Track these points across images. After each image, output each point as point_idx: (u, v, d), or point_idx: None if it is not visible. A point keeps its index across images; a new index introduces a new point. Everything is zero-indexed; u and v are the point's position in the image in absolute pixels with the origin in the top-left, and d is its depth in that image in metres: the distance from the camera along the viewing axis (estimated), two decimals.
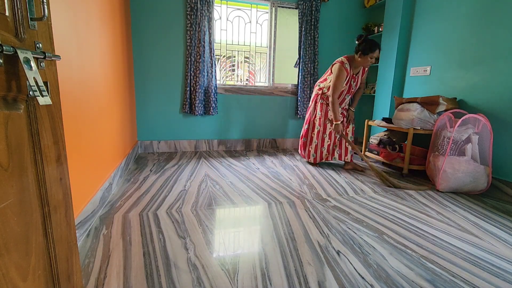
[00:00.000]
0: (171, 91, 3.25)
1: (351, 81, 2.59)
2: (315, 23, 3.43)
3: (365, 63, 2.44)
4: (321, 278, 1.15)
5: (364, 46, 2.38)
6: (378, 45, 2.38)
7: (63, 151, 0.75)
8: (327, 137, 2.77)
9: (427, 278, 1.17)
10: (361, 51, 2.40)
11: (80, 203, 1.42)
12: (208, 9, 3.07)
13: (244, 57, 3.61)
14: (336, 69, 2.50)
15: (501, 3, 2.20)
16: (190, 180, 2.33)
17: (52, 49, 0.71)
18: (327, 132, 2.76)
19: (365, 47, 2.38)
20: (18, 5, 0.57)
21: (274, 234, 1.50)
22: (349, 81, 2.57)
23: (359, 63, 2.47)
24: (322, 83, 2.74)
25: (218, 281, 1.12)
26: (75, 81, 1.41)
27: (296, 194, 2.09)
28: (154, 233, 1.46)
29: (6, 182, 0.53)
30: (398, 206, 1.93)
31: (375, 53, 2.39)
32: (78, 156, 1.42)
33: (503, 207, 1.96)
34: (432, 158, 2.37)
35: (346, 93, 2.64)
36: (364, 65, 2.48)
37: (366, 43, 2.38)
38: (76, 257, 0.81)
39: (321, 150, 2.81)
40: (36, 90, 0.57)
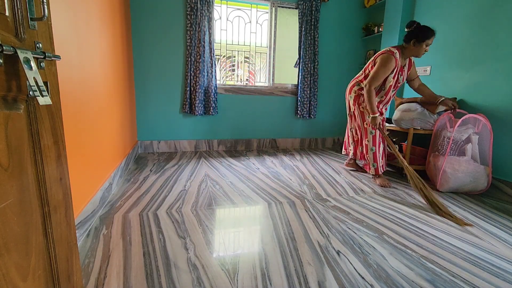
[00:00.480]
0: (171, 91, 3.25)
1: (398, 75, 2.31)
2: (315, 23, 3.43)
3: (419, 52, 2.19)
4: (321, 278, 1.15)
5: (418, 32, 2.14)
6: (434, 31, 2.13)
7: (63, 151, 0.75)
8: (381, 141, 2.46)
9: (427, 278, 1.17)
10: (415, 39, 2.15)
11: (80, 203, 1.42)
12: (208, 9, 3.07)
13: (244, 57, 3.61)
14: (383, 58, 2.22)
15: (501, 3, 2.20)
16: (190, 180, 2.33)
17: (52, 49, 0.71)
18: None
19: (420, 33, 2.13)
20: (18, 5, 0.57)
21: (274, 234, 1.50)
22: (396, 74, 2.30)
23: (412, 52, 2.21)
24: (363, 82, 2.43)
25: (218, 281, 1.12)
26: (75, 81, 1.41)
27: (296, 194, 2.09)
28: (154, 233, 1.46)
29: (6, 182, 0.53)
30: (398, 206, 1.92)
31: (431, 39, 2.15)
32: (78, 156, 1.42)
33: (503, 207, 1.96)
34: (432, 158, 2.37)
35: (393, 87, 2.35)
36: (417, 54, 2.21)
37: (420, 29, 2.15)
38: (76, 257, 0.81)
39: (382, 157, 2.47)
40: (36, 90, 0.57)
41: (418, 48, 2.18)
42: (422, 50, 2.18)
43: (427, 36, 2.13)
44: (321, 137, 3.95)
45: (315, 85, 3.60)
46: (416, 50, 2.19)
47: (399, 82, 2.36)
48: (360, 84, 2.43)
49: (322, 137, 3.96)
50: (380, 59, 2.25)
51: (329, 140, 4.00)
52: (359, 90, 2.44)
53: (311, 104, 3.64)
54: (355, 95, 2.46)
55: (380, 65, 2.21)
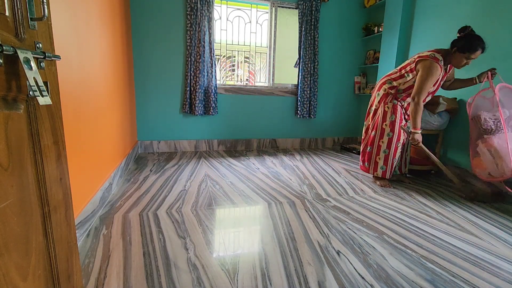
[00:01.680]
0: (171, 91, 3.25)
1: (441, 80, 2.12)
2: (315, 23, 3.43)
3: (458, 63, 1.97)
4: (321, 278, 1.15)
5: (464, 42, 1.91)
6: (482, 45, 1.88)
7: (63, 151, 0.75)
8: (400, 146, 2.28)
9: (427, 278, 1.17)
10: (457, 48, 1.94)
11: (80, 203, 1.42)
12: (208, 9, 3.07)
13: (244, 57, 3.61)
14: (428, 66, 1.99)
15: (501, 3, 2.20)
16: (190, 180, 2.33)
17: (52, 49, 0.71)
18: (401, 139, 2.27)
19: (464, 43, 1.90)
20: (18, 5, 0.57)
21: (274, 234, 1.50)
22: (439, 81, 2.10)
23: (452, 60, 2.01)
24: (396, 81, 2.23)
25: (218, 281, 1.12)
26: (75, 81, 1.41)
27: (296, 194, 2.09)
28: (154, 233, 1.46)
29: (6, 182, 0.53)
30: (398, 206, 1.93)
31: (475, 54, 1.90)
32: (78, 156, 1.42)
33: (503, 207, 1.96)
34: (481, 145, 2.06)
35: (432, 94, 2.18)
36: (456, 64, 2.00)
37: (467, 38, 1.91)
38: (76, 257, 0.81)
39: (392, 162, 2.28)
40: (36, 90, 0.57)
41: (458, 58, 1.96)
42: (461, 61, 1.95)
43: (470, 48, 1.89)
44: (321, 137, 3.95)
45: (315, 85, 3.60)
46: (456, 59, 1.98)
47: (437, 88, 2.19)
48: (392, 83, 2.27)
49: (322, 137, 3.96)
50: (423, 67, 2.02)
51: (329, 140, 4.00)
52: (389, 89, 2.28)
53: (311, 104, 3.64)
54: (384, 93, 2.31)
55: (425, 75, 2.00)
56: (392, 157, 2.27)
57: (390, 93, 2.28)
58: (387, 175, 2.31)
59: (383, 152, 2.29)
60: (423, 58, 2.03)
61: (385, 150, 2.28)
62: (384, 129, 2.28)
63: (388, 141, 2.26)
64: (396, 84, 2.24)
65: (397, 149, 2.26)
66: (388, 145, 2.27)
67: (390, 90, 2.28)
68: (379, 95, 2.35)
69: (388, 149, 2.27)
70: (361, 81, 3.90)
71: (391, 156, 2.27)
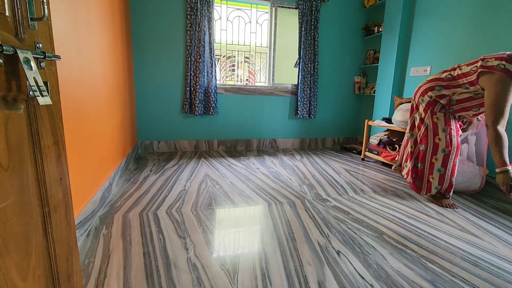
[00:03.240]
0: (171, 91, 3.25)
1: None
2: (315, 23, 3.43)
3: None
4: (321, 278, 1.15)
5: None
6: None
7: (63, 151, 0.75)
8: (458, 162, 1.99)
9: (427, 278, 1.17)
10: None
11: (80, 203, 1.42)
12: (208, 9, 3.07)
13: (244, 57, 3.61)
14: (501, 82, 1.56)
15: (501, 3, 2.20)
16: (190, 180, 2.33)
17: (52, 49, 0.71)
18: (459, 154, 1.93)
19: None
20: (18, 5, 0.57)
21: (274, 234, 1.50)
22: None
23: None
24: (449, 89, 1.86)
25: (218, 281, 1.12)
26: (75, 81, 1.41)
27: (296, 194, 2.09)
28: (154, 233, 1.46)
29: (6, 182, 0.53)
30: (398, 206, 1.92)
31: None
32: (78, 156, 1.42)
33: (503, 207, 1.96)
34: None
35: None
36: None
37: None
38: (76, 257, 0.81)
39: (450, 180, 1.94)
40: (36, 90, 0.57)
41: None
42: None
43: None
44: (321, 137, 3.95)
45: (315, 85, 3.60)
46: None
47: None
48: (441, 90, 1.89)
49: (322, 137, 3.96)
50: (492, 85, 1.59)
51: (329, 140, 4.00)
52: (437, 97, 1.91)
53: (311, 104, 3.64)
54: (430, 100, 1.94)
55: (500, 93, 1.56)
56: (450, 176, 1.93)
57: (438, 101, 1.92)
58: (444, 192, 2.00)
59: (438, 171, 1.94)
60: (489, 70, 1.60)
61: (439, 168, 1.93)
62: (437, 144, 1.93)
63: (443, 158, 1.91)
64: (447, 92, 1.86)
65: (455, 166, 1.92)
66: (444, 163, 1.92)
67: (438, 98, 1.91)
68: (423, 102, 1.99)
69: (444, 167, 1.92)
70: (361, 81, 3.90)
71: (448, 174, 1.93)
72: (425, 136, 2.00)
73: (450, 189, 1.98)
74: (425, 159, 2.01)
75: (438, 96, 1.91)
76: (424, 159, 2.02)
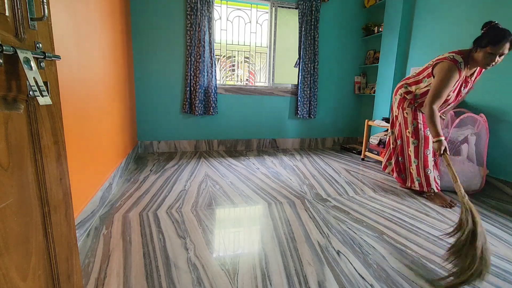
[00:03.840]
0: (171, 91, 3.25)
1: (461, 87, 1.89)
2: (315, 23, 3.43)
3: (482, 61, 1.70)
4: (321, 278, 1.15)
5: (487, 36, 1.68)
6: (508, 37, 1.62)
7: (63, 151, 0.75)
8: (430, 154, 2.05)
9: (427, 278, 1.17)
10: (477, 45, 1.72)
11: (80, 203, 1.42)
12: (208, 9, 3.07)
13: (244, 57, 3.61)
14: (445, 69, 1.78)
15: (501, 3, 2.20)
16: (190, 180, 2.33)
17: (52, 49, 0.71)
18: (430, 147, 2.04)
19: (487, 37, 1.67)
20: (18, 5, 0.57)
21: (274, 234, 1.50)
22: (458, 87, 1.88)
23: (476, 60, 1.75)
24: (412, 86, 2.07)
25: (218, 281, 1.12)
26: (75, 81, 1.41)
27: (296, 194, 2.09)
28: (154, 233, 1.46)
29: (6, 182, 0.53)
30: (398, 206, 1.92)
31: (501, 47, 1.62)
32: (78, 156, 1.42)
33: (503, 207, 1.96)
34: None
35: (452, 102, 1.95)
36: (481, 64, 1.73)
37: (490, 32, 1.67)
38: (76, 257, 0.81)
39: (425, 172, 2.05)
40: (36, 90, 0.57)
41: (481, 55, 1.70)
42: (485, 58, 1.69)
43: (494, 42, 1.63)
44: (321, 137, 3.95)
45: (315, 85, 3.60)
46: (479, 58, 1.72)
47: (461, 95, 1.94)
48: (407, 87, 2.11)
49: (322, 137, 3.96)
50: (440, 70, 1.81)
51: (329, 140, 4.00)
52: (405, 93, 2.12)
53: (311, 104, 3.64)
54: (400, 97, 2.16)
55: (441, 79, 1.78)
56: (423, 167, 2.04)
57: (406, 97, 2.12)
58: (424, 187, 2.06)
59: (414, 163, 2.09)
60: (440, 60, 1.83)
61: (414, 160, 2.08)
62: (408, 137, 2.12)
63: (414, 150, 2.07)
64: (411, 89, 2.08)
65: (427, 158, 2.03)
66: (416, 155, 2.07)
67: (406, 95, 2.12)
68: (396, 100, 2.21)
69: (416, 158, 2.06)
70: (361, 81, 3.90)
71: (422, 166, 2.04)
72: (400, 131, 2.21)
73: (428, 183, 2.05)
74: (403, 152, 2.21)
75: (405, 92, 2.13)
76: (403, 153, 2.22)
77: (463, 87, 1.91)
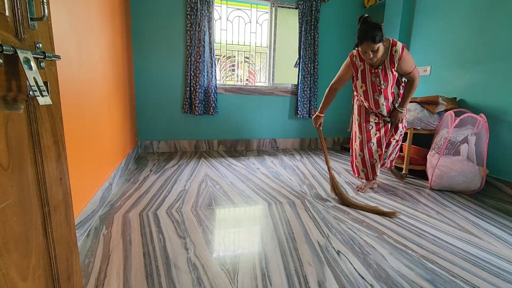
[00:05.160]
0: (171, 91, 3.25)
1: (371, 77, 1.99)
2: (315, 23, 3.43)
3: (364, 58, 1.87)
4: (321, 278, 1.15)
5: (357, 34, 1.81)
6: (368, 36, 1.72)
7: (63, 151, 0.75)
8: (374, 146, 2.15)
9: (427, 278, 1.17)
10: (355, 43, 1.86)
11: (80, 203, 1.42)
12: (208, 9, 3.07)
13: (244, 57, 3.61)
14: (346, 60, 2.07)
15: (501, 3, 2.20)
16: (190, 180, 2.33)
17: (52, 49, 0.71)
18: (373, 140, 2.15)
19: (356, 36, 1.81)
20: (18, 5, 0.57)
21: (274, 234, 1.50)
22: (365, 76, 2.01)
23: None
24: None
25: (218, 281, 1.12)
26: (75, 81, 1.41)
27: (296, 194, 2.09)
28: (154, 233, 1.46)
29: (6, 182, 0.53)
30: (398, 206, 1.92)
31: (365, 47, 1.77)
32: (78, 156, 1.42)
33: (503, 207, 1.96)
34: (429, 157, 2.38)
35: (372, 92, 2.04)
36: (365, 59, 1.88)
37: (358, 31, 1.80)
38: (76, 257, 0.81)
39: (371, 163, 2.17)
40: (36, 90, 0.57)
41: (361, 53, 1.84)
42: (363, 55, 1.84)
43: (357, 42, 1.81)
44: None
45: (315, 85, 3.60)
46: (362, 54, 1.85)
47: (378, 85, 1.99)
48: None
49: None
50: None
51: (329, 140, 4.00)
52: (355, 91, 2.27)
53: (311, 104, 3.64)
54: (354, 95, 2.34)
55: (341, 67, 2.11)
56: (368, 159, 2.17)
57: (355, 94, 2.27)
58: (370, 176, 2.20)
59: (359, 156, 2.20)
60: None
61: (359, 153, 2.19)
62: (355, 132, 2.25)
63: (360, 144, 2.19)
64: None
65: (371, 150, 2.16)
66: (361, 148, 2.18)
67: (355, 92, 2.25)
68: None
69: (362, 151, 2.18)
70: None
71: (367, 158, 2.17)
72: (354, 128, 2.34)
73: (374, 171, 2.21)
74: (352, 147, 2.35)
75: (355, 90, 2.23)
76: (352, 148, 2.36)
77: (373, 76, 1.99)
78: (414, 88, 2.02)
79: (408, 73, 1.96)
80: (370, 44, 1.75)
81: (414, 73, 1.97)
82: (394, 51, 1.88)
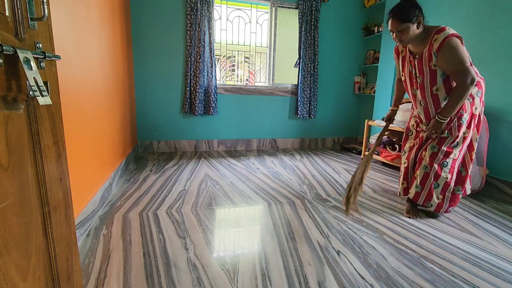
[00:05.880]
0: (171, 91, 3.25)
1: (408, 67, 1.68)
2: (315, 23, 3.43)
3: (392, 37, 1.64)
4: (321, 278, 1.15)
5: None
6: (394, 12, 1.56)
7: (63, 151, 0.75)
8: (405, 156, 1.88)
9: (427, 278, 1.17)
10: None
11: (80, 203, 1.42)
12: (208, 9, 3.07)
13: (244, 57, 3.61)
14: None
15: (501, 4, 2.20)
16: (190, 180, 2.33)
17: (52, 49, 0.71)
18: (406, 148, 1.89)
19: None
20: (18, 5, 0.57)
21: (274, 234, 1.50)
22: (404, 64, 1.71)
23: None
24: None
25: (218, 281, 1.12)
26: (75, 81, 1.41)
27: (296, 194, 2.09)
28: (154, 233, 1.46)
29: (6, 182, 0.53)
30: (398, 206, 1.92)
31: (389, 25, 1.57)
32: (78, 156, 1.42)
33: (503, 207, 1.96)
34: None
35: (410, 84, 1.71)
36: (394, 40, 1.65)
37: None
38: (76, 257, 0.81)
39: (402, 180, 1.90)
40: (36, 90, 0.57)
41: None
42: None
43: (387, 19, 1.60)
44: (321, 137, 3.95)
45: (315, 85, 3.60)
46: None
47: (414, 77, 1.65)
48: None
49: (322, 137, 3.96)
50: None
51: (329, 140, 4.00)
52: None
53: (311, 104, 3.64)
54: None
55: None
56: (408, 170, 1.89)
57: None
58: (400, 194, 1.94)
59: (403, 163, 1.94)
60: None
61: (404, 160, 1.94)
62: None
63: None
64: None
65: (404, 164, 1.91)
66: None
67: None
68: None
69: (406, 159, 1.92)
70: (361, 81, 3.90)
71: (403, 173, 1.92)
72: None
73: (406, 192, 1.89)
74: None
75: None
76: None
77: (410, 66, 1.67)
78: (458, 96, 1.49)
79: (452, 72, 1.51)
80: (395, 22, 1.53)
81: (460, 75, 1.47)
82: (434, 40, 1.53)
